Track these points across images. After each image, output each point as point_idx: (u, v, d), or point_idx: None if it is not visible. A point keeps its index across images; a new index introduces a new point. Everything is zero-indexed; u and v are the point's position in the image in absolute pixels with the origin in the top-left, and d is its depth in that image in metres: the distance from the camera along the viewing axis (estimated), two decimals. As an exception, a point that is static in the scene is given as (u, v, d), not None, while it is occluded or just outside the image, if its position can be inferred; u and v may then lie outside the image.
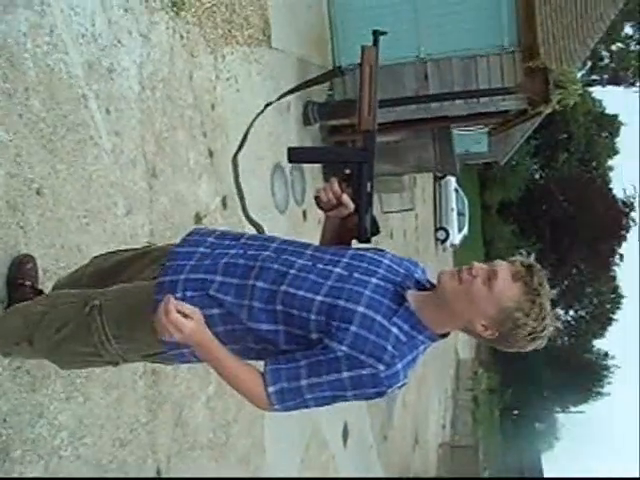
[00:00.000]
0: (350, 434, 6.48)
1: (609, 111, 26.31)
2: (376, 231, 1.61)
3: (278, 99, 1.72)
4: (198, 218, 3.63)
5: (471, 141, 11.65)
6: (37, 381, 2.21)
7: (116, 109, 2.86)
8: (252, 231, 1.85)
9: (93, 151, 2.66)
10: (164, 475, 3.00)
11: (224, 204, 4.03)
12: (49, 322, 1.62)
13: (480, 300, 1.40)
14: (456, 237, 16.12)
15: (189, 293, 1.50)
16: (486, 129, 11.08)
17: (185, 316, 1.35)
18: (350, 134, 6.69)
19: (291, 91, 1.68)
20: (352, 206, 1.57)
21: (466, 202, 16.61)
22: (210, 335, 1.42)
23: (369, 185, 1.57)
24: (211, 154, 3.86)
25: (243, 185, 4.28)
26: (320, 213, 1.63)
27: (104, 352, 1.58)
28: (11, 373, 2.09)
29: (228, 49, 4.26)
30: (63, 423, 2.32)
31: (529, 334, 1.40)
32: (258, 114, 1.73)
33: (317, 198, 1.59)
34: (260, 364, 1.49)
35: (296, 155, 1.62)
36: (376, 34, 1.56)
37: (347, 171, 1.58)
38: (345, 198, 1.56)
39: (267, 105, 1.72)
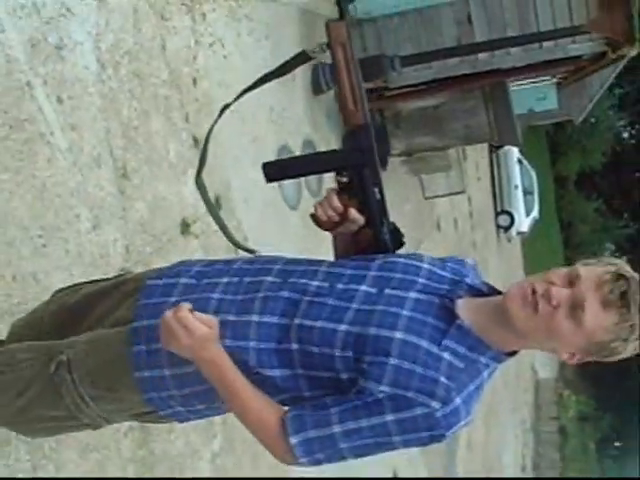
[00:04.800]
0: (401, 487, 6.48)
1: None
2: (399, 243, 1.61)
3: (238, 97, 1.72)
4: (185, 225, 3.66)
5: (535, 97, 11.57)
6: (-6, 449, 2.25)
7: (70, 96, 2.88)
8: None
9: (45, 152, 2.69)
10: None
11: (218, 204, 4.05)
12: (7, 385, 1.63)
13: (566, 335, 1.41)
14: (524, 222, 16.05)
15: None
16: (554, 80, 10.99)
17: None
18: (375, 101, 6.69)
19: (253, 86, 1.67)
20: (362, 219, 1.56)
21: (534, 176, 16.51)
22: (224, 353, 1.43)
23: (377, 191, 1.56)
24: (196, 142, 3.88)
25: (241, 178, 4.32)
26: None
27: (81, 415, 1.60)
28: (-41, 442, 2.13)
29: (209, 5, 4.28)
30: (31, 500, 2.36)
31: (628, 352, 1.44)
32: (216, 120, 1.72)
33: (314, 217, 1.57)
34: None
35: (275, 170, 1.57)
36: (340, 3, 1.55)
37: (344, 179, 1.56)
38: (352, 213, 1.54)
39: (224, 108, 1.72)
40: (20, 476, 2.33)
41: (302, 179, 5.45)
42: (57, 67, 2.82)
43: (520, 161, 15.97)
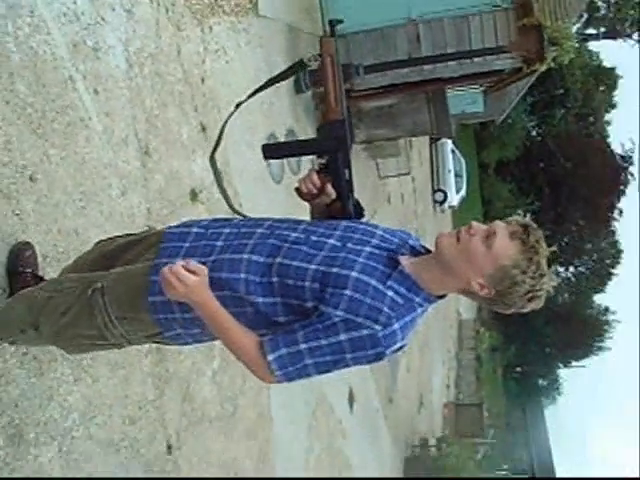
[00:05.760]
0: (356, 399, 6.60)
1: (606, 64, 25.90)
2: (360, 214, 1.66)
3: (249, 97, 1.74)
4: (194, 194, 3.63)
5: (466, 101, 11.57)
6: (44, 365, 2.25)
7: (104, 89, 2.82)
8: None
9: (84, 133, 2.64)
10: (175, 448, 3.07)
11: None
12: (54, 307, 1.64)
13: (478, 258, 1.43)
14: (454, 198, 16.13)
15: None
16: (481, 89, 10.99)
17: (191, 272, 1.39)
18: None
19: (261, 88, 1.71)
20: (334, 194, 1.61)
21: (463, 163, 16.57)
22: (212, 296, 1.45)
23: (347, 172, 1.60)
24: (204, 129, 3.83)
25: (237, 157, 4.28)
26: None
27: (108, 334, 1.61)
28: (18, 359, 2.13)
29: (215, 20, 4.19)
30: (73, 405, 2.37)
31: (526, 292, 1.43)
32: (230, 114, 1.74)
33: (298, 190, 1.62)
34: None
35: (271, 151, 1.66)
36: (332, 23, 1.58)
37: (323, 161, 1.60)
38: (328, 188, 1.60)
39: (238, 105, 1.74)
40: (63, 387, 2.34)
41: (285, 160, 5.42)
42: (94, 65, 2.76)
43: (453, 151, 16.01)
